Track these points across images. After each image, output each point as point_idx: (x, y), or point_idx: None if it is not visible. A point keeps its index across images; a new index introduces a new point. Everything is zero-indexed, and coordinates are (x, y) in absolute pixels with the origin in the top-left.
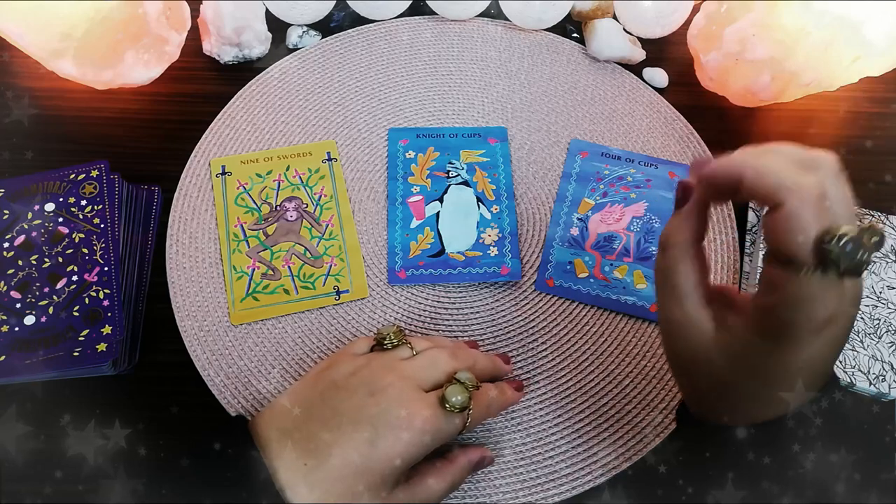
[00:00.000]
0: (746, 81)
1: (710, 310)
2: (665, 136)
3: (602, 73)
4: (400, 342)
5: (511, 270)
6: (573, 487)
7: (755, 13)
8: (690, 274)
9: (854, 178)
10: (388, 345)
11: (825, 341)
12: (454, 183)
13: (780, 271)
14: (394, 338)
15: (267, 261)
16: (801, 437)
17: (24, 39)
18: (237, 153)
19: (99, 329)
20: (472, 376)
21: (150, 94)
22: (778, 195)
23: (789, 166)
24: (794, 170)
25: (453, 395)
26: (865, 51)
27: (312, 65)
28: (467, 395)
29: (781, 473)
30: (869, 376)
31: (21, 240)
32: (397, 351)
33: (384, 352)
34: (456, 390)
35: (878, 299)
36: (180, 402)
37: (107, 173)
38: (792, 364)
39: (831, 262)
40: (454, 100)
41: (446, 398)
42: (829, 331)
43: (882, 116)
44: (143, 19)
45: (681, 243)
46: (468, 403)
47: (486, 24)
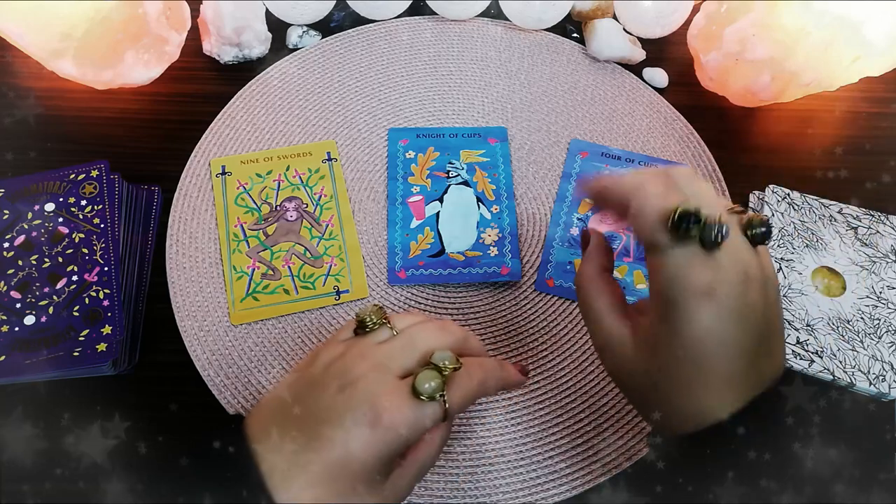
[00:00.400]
0: (746, 81)
1: (629, 322)
2: (665, 136)
3: (602, 73)
4: (381, 322)
5: (511, 270)
6: (573, 487)
7: (755, 13)
8: (604, 297)
9: (853, 178)
10: (369, 326)
11: (717, 313)
12: (454, 183)
13: (650, 258)
14: (374, 318)
15: (267, 261)
16: (802, 437)
17: (24, 39)
18: (237, 153)
19: (99, 329)
20: (451, 355)
21: (150, 94)
22: (627, 196)
23: (640, 176)
24: (642, 179)
25: (424, 382)
26: (865, 51)
27: (312, 65)
28: (440, 380)
29: (782, 472)
30: (869, 376)
31: (21, 240)
32: (376, 333)
33: (365, 335)
34: (426, 376)
35: (878, 299)
36: (180, 401)
37: (107, 173)
38: (695, 343)
39: (682, 236)
40: (454, 100)
41: (416, 387)
42: (715, 301)
43: (882, 116)
44: (143, 19)
45: (593, 276)
46: (442, 389)
47: (486, 24)
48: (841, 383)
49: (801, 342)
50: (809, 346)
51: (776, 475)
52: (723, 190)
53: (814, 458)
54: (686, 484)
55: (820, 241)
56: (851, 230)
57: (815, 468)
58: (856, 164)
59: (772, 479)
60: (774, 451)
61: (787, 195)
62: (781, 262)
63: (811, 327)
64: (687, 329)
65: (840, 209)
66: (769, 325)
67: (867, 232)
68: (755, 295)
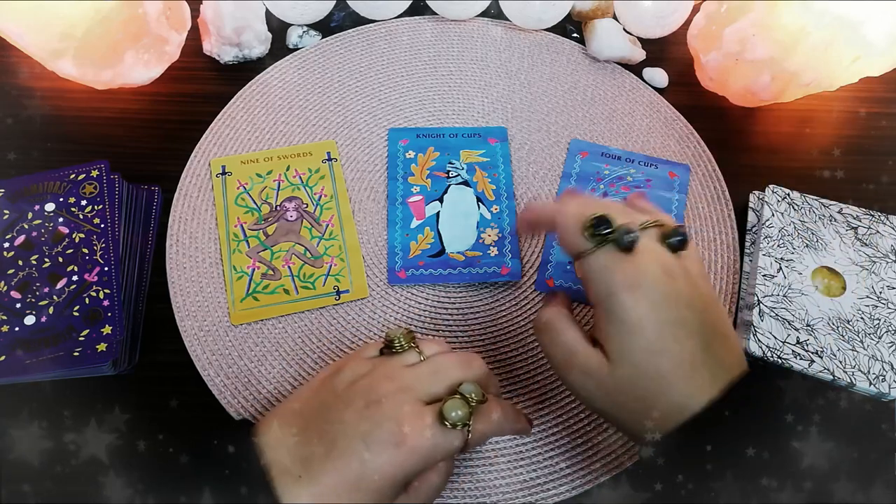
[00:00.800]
0: (746, 81)
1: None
2: (665, 136)
3: (602, 73)
4: (409, 346)
5: (511, 270)
6: (573, 487)
7: (755, 13)
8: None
9: (853, 178)
10: (396, 348)
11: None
12: (454, 183)
13: (579, 266)
14: (403, 340)
15: (267, 261)
16: (802, 436)
17: (24, 39)
18: (237, 153)
19: (99, 329)
20: (478, 388)
21: (150, 94)
22: (552, 217)
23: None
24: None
25: (452, 410)
26: (865, 51)
27: (312, 65)
28: (468, 410)
29: (781, 470)
30: (869, 376)
31: (21, 240)
32: (404, 356)
33: (391, 356)
34: (455, 405)
35: (878, 299)
36: (180, 401)
37: (107, 173)
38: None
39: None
40: (454, 100)
41: (444, 413)
42: (641, 290)
43: (882, 116)
44: (143, 19)
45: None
46: (468, 419)
47: (486, 24)
48: (841, 383)
49: (801, 342)
50: (809, 346)
51: (776, 474)
52: (723, 190)
53: (814, 458)
54: (686, 482)
55: (820, 241)
56: (851, 230)
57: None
58: (856, 164)
59: (772, 477)
60: (774, 450)
61: (787, 195)
62: (781, 262)
63: (811, 327)
64: (628, 319)
65: (840, 209)
66: (709, 313)
67: (867, 232)
68: (681, 284)
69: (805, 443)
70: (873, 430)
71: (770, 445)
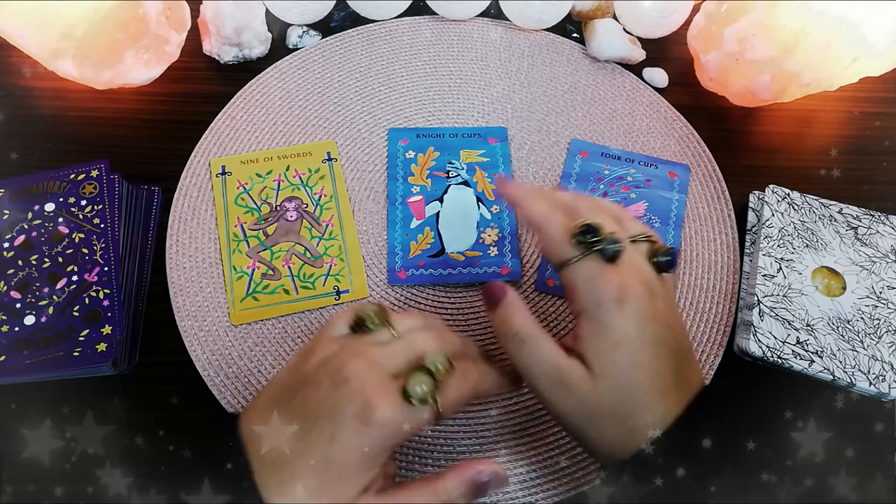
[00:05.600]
0: (746, 81)
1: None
2: (665, 136)
3: (602, 73)
4: (381, 323)
5: (511, 270)
6: (573, 487)
7: (755, 13)
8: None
9: (853, 178)
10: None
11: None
12: (454, 183)
13: (564, 276)
14: (375, 319)
15: (267, 261)
16: (801, 436)
17: (24, 39)
18: (237, 153)
19: (99, 329)
20: (443, 359)
21: (150, 94)
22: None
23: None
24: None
25: (414, 385)
26: (865, 51)
27: (312, 65)
28: (432, 383)
29: (781, 470)
30: (869, 376)
31: (21, 240)
32: (375, 335)
33: (362, 334)
34: (418, 379)
35: (878, 299)
36: (180, 401)
37: (107, 173)
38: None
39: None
40: (454, 100)
41: (407, 388)
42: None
43: (882, 116)
44: (143, 19)
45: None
46: (433, 392)
47: (486, 24)
48: (841, 383)
49: (801, 342)
50: (809, 346)
51: (776, 472)
52: (723, 190)
53: (813, 457)
54: (686, 478)
55: (820, 241)
56: (851, 230)
57: (815, 467)
58: (855, 163)
59: (772, 475)
60: (775, 449)
61: (787, 195)
62: (781, 262)
63: (811, 327)
64: (615, 333)
65: (840, 209)
66: (682, 335)
67: (867, 232)
68: (661, 305)
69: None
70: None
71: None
